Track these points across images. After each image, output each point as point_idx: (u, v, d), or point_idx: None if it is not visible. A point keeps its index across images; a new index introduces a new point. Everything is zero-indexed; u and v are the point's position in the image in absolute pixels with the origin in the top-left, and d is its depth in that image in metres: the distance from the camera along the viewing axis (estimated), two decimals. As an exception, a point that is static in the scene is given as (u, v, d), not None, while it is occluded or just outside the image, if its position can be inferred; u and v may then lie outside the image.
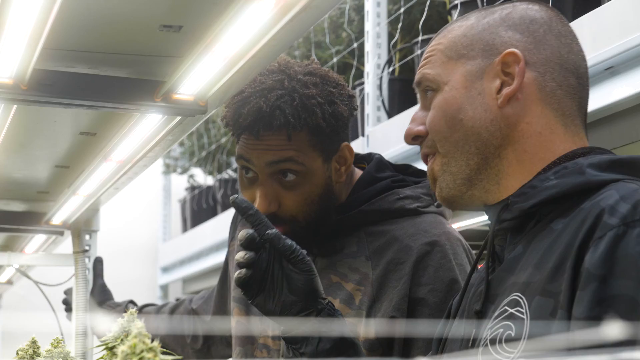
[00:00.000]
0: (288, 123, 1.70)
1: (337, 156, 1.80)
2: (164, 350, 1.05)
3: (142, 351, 1.03)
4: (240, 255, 1.48)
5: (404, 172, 1.88)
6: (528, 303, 1.19)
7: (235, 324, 1.92)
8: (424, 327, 1.66)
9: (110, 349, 1.29)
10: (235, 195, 1.51)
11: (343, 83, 1.81)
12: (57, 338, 1.55)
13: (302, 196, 1.76)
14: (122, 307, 2.41)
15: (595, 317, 1.10)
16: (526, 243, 1.26)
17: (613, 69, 1.83)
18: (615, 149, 1.90)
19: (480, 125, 1.31)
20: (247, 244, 1.47)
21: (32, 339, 1.61)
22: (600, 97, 1.87)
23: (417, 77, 1.40)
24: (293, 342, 1.50)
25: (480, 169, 1.31)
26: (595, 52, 1.85)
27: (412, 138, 1.39)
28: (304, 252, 1.48)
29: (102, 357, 1.28)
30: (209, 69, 1.43)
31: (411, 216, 1.77)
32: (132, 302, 2.48)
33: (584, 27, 1.89)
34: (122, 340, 1.29)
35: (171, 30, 1.37)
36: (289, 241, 1.47)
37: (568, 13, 2.06)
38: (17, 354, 1.59)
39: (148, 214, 5.66)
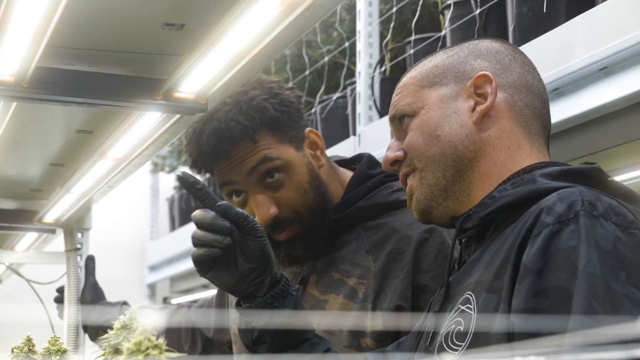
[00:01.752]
0: (246, 128, 1.76)
1: (307, 143, 1.86)
2: (168, 348, 1.06)
3: (147, 348, 1.04)
4: (200, 235, 1.50)
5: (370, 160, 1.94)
6: (476, 300, 1.29)
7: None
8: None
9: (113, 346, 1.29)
10: (181, 172, 1.53)
11: (277, 80, 1.88)
12: (55, 336, 1.55)
13: (293, 189, 1.80)
14: (117, 308, 2.41)
15: (531, 308, 1.19)
16: (483, 248, 1.35)
17: (607, 70, 1.84)
18: (609, 149, 1.92)
19: (457, 140, 1.42)
20: (210, 229, 1.50)
21: (27, 336, 1.60)
22: (594, 98, 1.88)
23: (391, 111, 1.51)
24: (247, 315, 1.57)
25: (455, 180, 1.43)
26: (590, 52, 1.86)
27: (391, 164, 1.50)
28: (255, 219, 1.53)
29: (104, 354, 1.28)
30: (212, 67, 1.43)
31: (406, 207, 1.80)
32: (125, 303, 2.47)
33: (578, 27, 1.90)
34: (124, 337, 1.29)
35: (173, 29, 1.37)
36: (239, 210, 1.52)
37: (562, 13, 2.07)
38: (12, 351, 1.59)
39: (136, 213, 5.64)
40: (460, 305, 1.32)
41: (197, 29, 1.37)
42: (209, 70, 1.45)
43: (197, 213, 1.51)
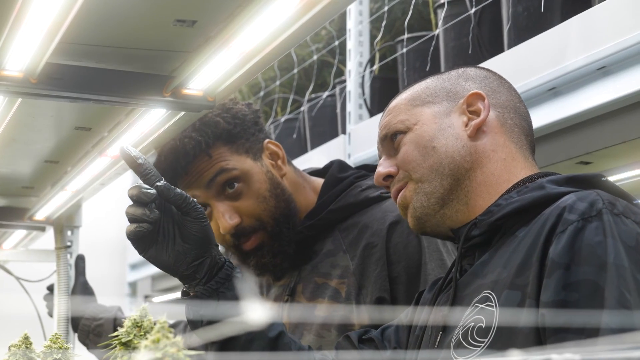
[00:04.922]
0: (199, 143, 1.82)
1: (267, 153, 1.90)
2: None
3: (165, 346, 1.03)
4: (130, 210, 1.49)
5: (366, 169, 1.98)
6: (497, 297, 1.32)
7: None
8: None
9: (124, 344, 1.29)
10: (124, 144, 1.51)
11: (233, 97, 1.94)
12: (56, 334, 1.55)
13: (253, 197, 1.85)
14: (112, 314, 2.39)
15: (561, 301, 1.23)
16: (493, 251, 1.39)
17: (605, 69, 1.86)
18: (606, 149, 1.93)
19: (454, 150, 1.46)
20: (138, 200, 1.48)
21: (25, 334, 1.60)
22: (591, 97, 1.90)
23: (382, 131, 1.54)
24: (193, 304, 1.56)
25: (453, 189, 1.45)
26: (587, 52, 1.87)
27: (383, 178, 1.52)
28: (194, 199, 1.52)
29: (113, 351, 1.28)
30: (223, 65, 1.43)
31: (377, 203, 1.87)
32: (120, 310, 2.44)
33: (575, 27, 1.91)
34: (135, 335, 1.28)
35: (185, 25, 1.36)
36: (178, 190, 1.50)
37: (557, 13, 2.09)
38: (9, 349, 1.58)
39: (117, 211, 5.60)
40: (478, 304, 1.35)
41: (208, 26, 1.37)
42: (219, 68, 1.44)
43: (130, 188, 1.48)
